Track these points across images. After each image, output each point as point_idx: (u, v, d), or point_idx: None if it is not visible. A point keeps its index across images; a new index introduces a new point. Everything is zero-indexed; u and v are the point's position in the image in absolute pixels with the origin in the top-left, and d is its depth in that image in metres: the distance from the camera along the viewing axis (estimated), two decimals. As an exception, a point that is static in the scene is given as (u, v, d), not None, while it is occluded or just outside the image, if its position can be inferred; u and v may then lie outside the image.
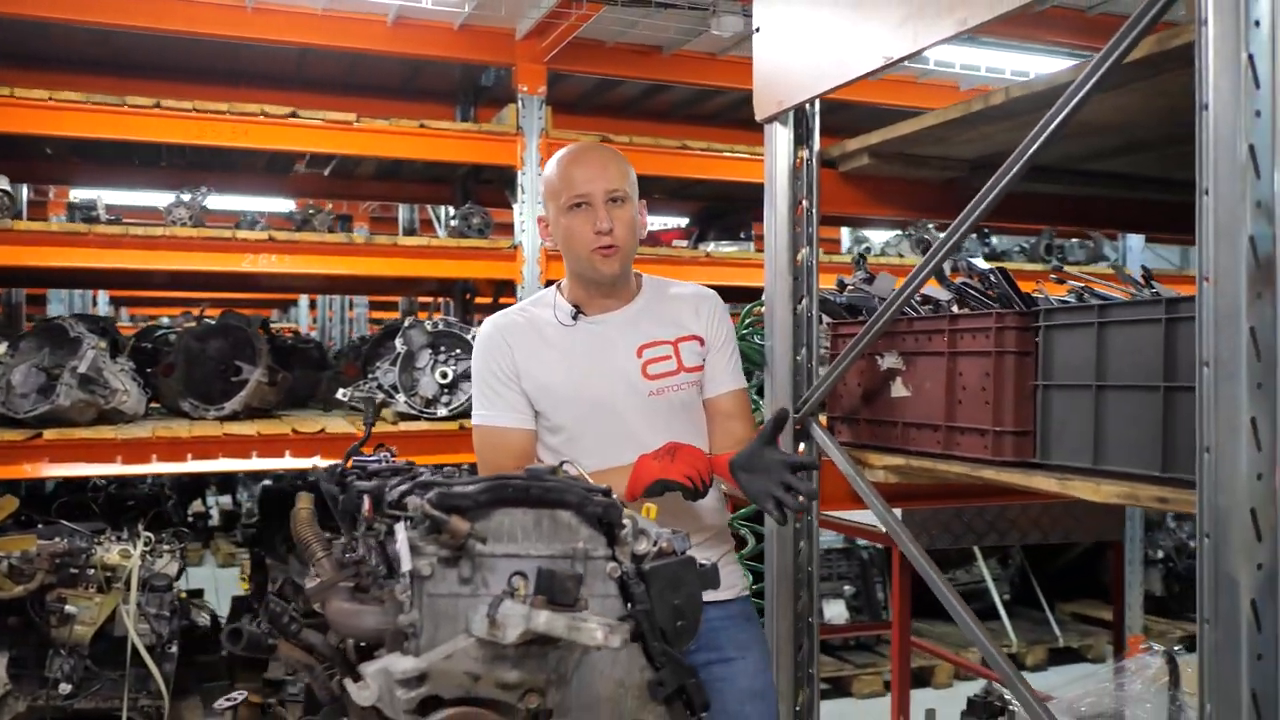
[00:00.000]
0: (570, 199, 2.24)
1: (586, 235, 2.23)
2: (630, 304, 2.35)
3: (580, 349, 2.28)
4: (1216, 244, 1.59)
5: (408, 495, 1.44)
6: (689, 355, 2.31)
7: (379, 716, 1.56)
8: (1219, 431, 1.59)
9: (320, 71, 5.62)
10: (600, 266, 2.26)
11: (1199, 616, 1.63)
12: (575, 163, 2.29)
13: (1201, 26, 1.63)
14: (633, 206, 2.29)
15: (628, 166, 2.32)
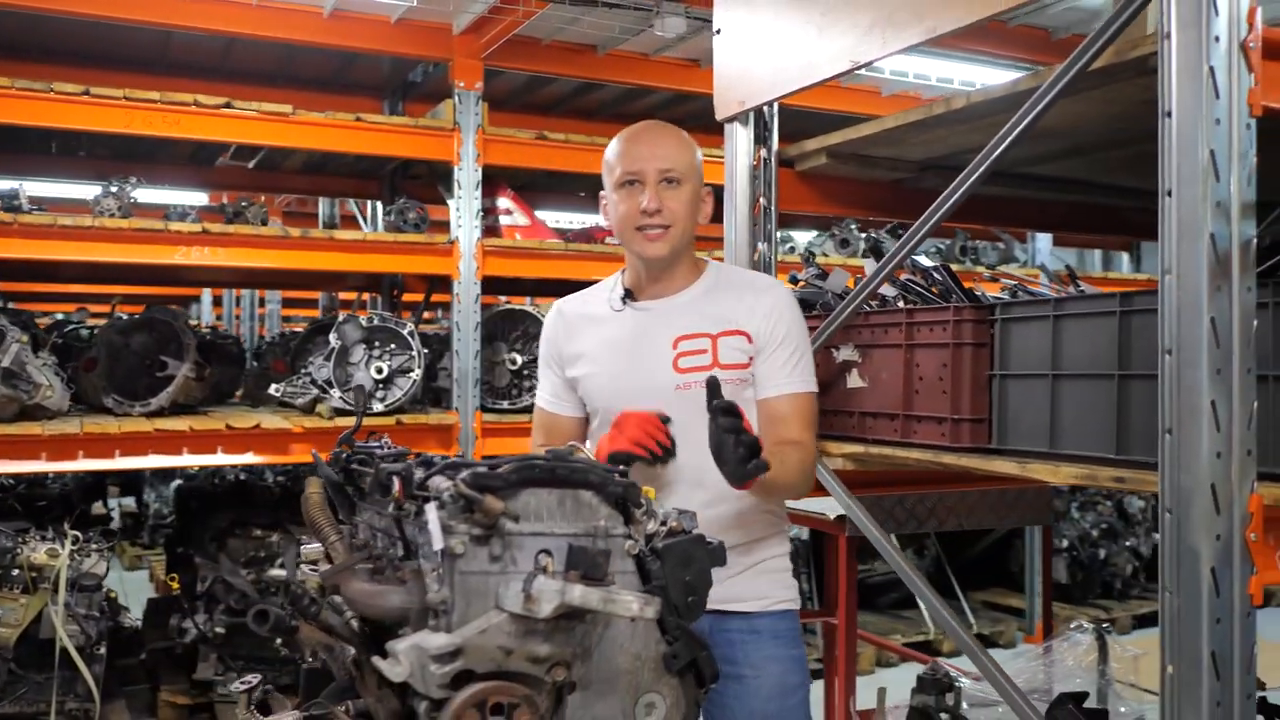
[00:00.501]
0: (622, 176, 2.18)
1: (633, 214, 2.16)
2: (682, 292, 2.23)
3: (621, 336, 2.23)
4: (1179, 241, 1.73)
5: (437, 477, 1.47)
6: (728, 351, 2.16)
7: (396, 694, 1.59)
8: (1180, 414, 1.72)
9: (248, 62, 5.53)
10: (644, 248, 2.18)
11: (1160, 586, 1.76)
12: (632, 139, 2.22)
13: (1165, 40, 1.76)
14: (690, 190, 2.17)
15: (689, 148, 2.21)
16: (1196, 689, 1.68)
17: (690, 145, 2.22)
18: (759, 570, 2.18)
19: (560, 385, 2.29)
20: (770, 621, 2.17)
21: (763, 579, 2.18)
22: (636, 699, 1.54)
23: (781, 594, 2.21)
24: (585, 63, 5.34)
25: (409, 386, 4.79)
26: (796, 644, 2.21)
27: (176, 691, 4.88)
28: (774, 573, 2.21)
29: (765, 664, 2.14)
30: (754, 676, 2.13)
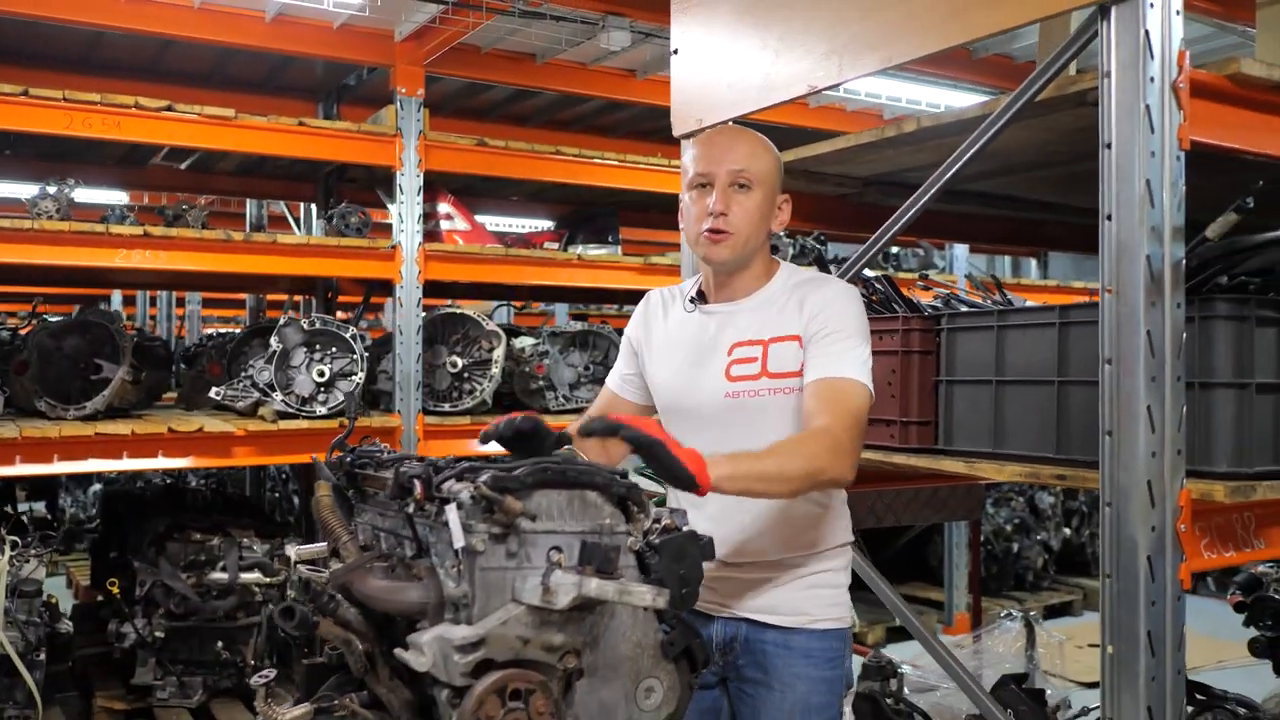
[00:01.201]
0: (695, 177, 2.16)
1: (700, 215, 2.13)
2: (749, 297, 2.18)
3: (686, 339, 2.22)
4: (1118, 261, 1.91)
5: (458, 480, 1.57)
6: (779, 359, 2.10)
7: (408, 685, 1.69)
8: (1119, 418, 1.90)
9: (182, 64, 5.49)
10: (707, 251, 2.14)
11: (1101, 573, 1.94)
12: (707, 141, 2.20)
13: (1105, 79, 1.95)
14: (761, 195, 2.13)
15: (766, 154, 2.17)
16: (1134, 666, 1.87)
17: (768, 152, 2.18)
18: (803, 585, 2.12)
19: (631, 371, 2.30)
20: (805, 639, 2.10)
21: (805, 594, 2.11)
22: (637, 684, 1.66)
23: (823, 612, 2.13)
24: (524, 71, 5.44)
25: (351, 390, 4.82)
26: (832, 665, 2.13)
27: (112, 697, 4.84)
28: (819, 588, 2.13)
29: (793, 681, 2.09)
30: (780, 691, 2.09)
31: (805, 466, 1.91)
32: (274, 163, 5.79)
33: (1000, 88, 4.81)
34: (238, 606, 4.75)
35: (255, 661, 4.84)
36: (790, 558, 2.11)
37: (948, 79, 5.13)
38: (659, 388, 2.25)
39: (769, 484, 1.89)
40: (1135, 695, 1.87)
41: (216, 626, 4.75)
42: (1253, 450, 2.02)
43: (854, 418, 1.99)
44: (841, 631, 2.17)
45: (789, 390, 2.08)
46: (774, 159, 2.19)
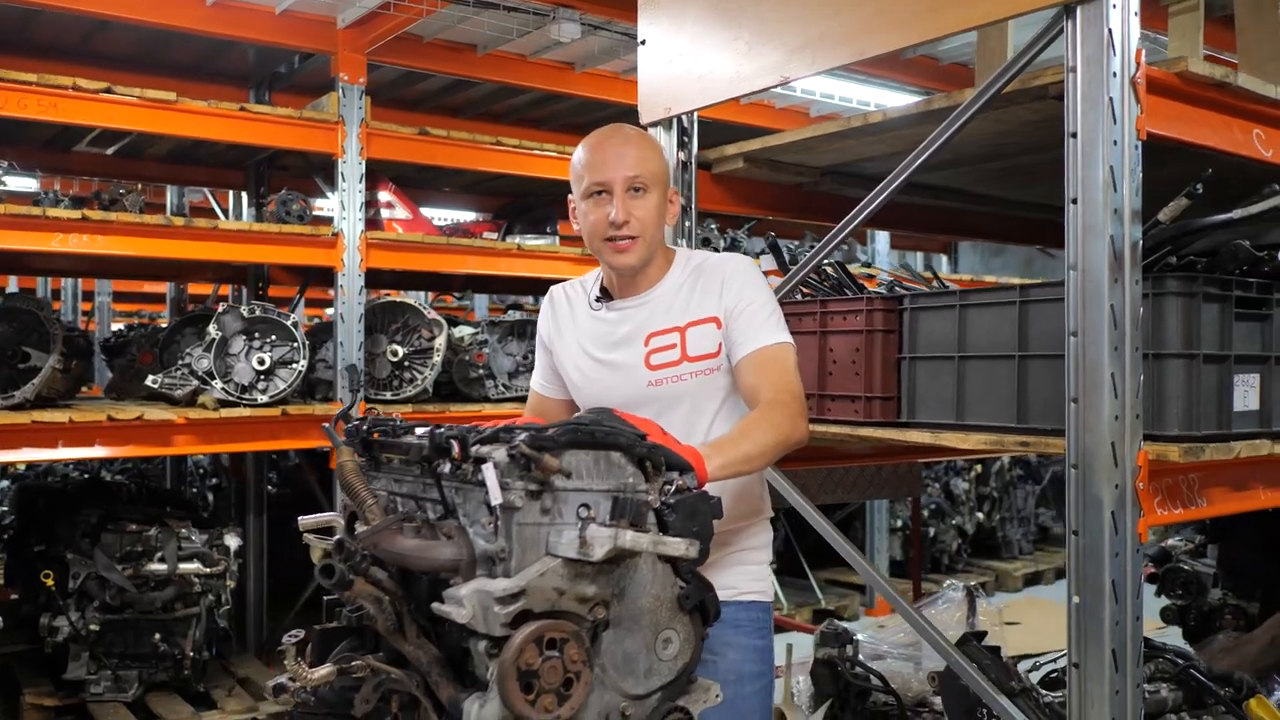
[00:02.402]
0: (590, 186, 2.18)
1: (601, 224, 2.16)
2: (654, 288, 2.24)
3: (597, 336, 2.27)
4: (1084, 241, 2.07)
5: (490, 441, 1.64)
6: (697, 342, 2.18)
7: (436, 641, 1.75)
8: (1085, 385, 2.06)
9: (114, 46, 5.37)
10: (613, 259, 2.19)
11: (1067, 530, 2.10)
12: (597, 147, 2.21)
13: (1070, 73, 2.10)
14: (657, 195, 2.19)
15: (655, 152, 2.23)
16: (1100, 613, 2.03)
17: (656, 148, 2.26)
18: (731, 561, 2.19)
19: (549, 370, 2.37)
20: (732, 610, 2.14)
21: (733, 571, 2.19)
22: (656, 634, 1.75)
23: (749, 585, 2.22)
24: (465, 61, 5.46)
25: (292, 378, 4.79)
26: (759, 634, 2.22)
27: (42, 694, 4.73)
28: (746, 565, 2.23)
29: (723, 650, 2.15)
30: (711, 660, 2.11)
31: (775, 438, 2.02)
32: (206, 149, 5.71)
33: (926, 87, 5.02)
34: (176, 597, 4.70)
35: (193, 653, 4.80)
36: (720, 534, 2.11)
37: (876, 78, 5.32)
38: (577, 385, 2.32)
39: (751, 463, 2.00)
40: (1100, 640, 2.03)
41: (153, 618, 4.69)
42: (1200, 415, 2.20)
43: (793, 378, 2.12)
44: (765, 605, 2.26)
45: (709, 371, 2.18)
46: (663, 156, 2.26)
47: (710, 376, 2.18)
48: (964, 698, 2.54)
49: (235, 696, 4.84)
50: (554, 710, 1.59)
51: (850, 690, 3.05)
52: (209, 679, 4.97)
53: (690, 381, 2.18)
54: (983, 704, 2.49)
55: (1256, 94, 2.33)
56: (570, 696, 1.61)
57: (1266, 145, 2.40)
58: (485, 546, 1.64)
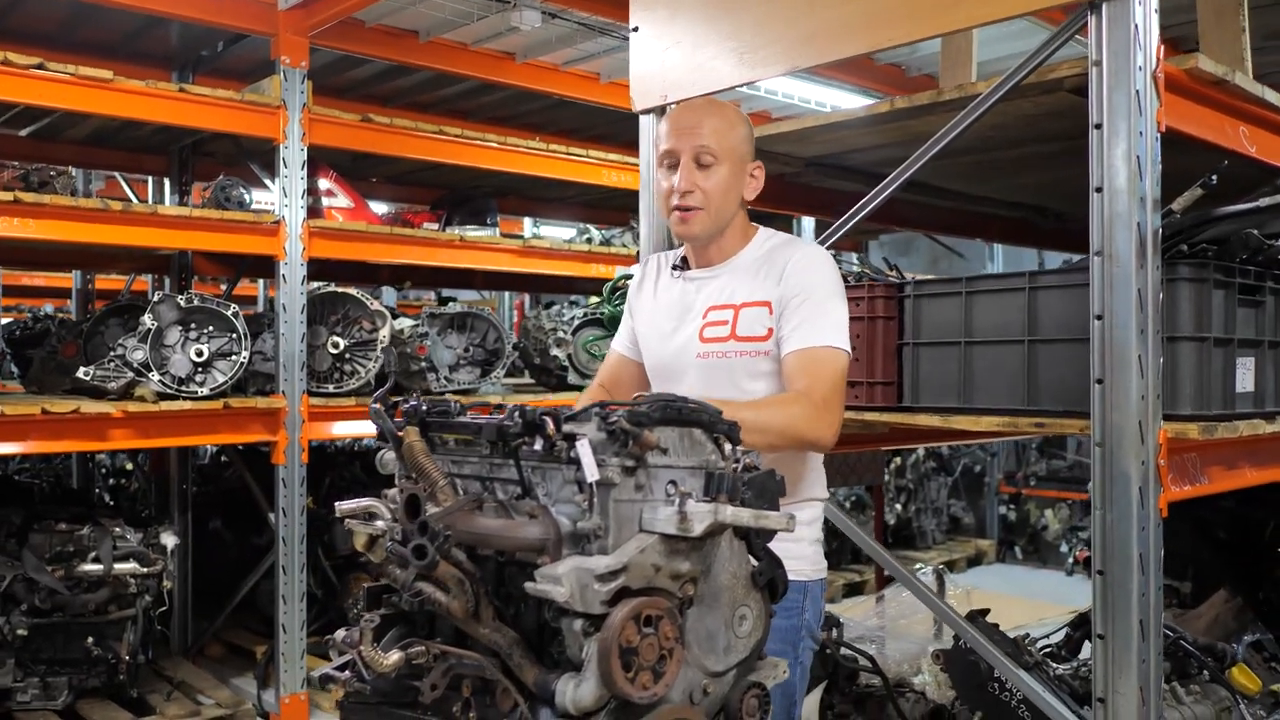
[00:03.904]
0: (662, 154, 2.25)
1: (668, 193, 2.22)
2: (725, 263, 2.28)
3: (670, 303, 2.34)
4: (1112, 227, 2.15)
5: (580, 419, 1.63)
6: (747, 324, 2.20)
7: (512, 624, 1.72)
8: (1112, 367, 2.15)
9: (26, 23, 5.10)
10: (676, 228, 2.25)
11: (1093, 506, 2.18)
12: (674, 117, 2.27)
13: (1094, 67, 2.18)
14: (727, 169, 2.21)
15: (730, 127, 2.23)
16: (1128, 585, 2.11)
17: (733, 124, 2.25)
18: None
19: (630, 332, 2.44)
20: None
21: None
22: (734, 611, 1.76)
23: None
24: (405, 47, 5.35)
25: (233, 370, 4.63)
26: (787, 615, 2.19)
27: (-40, 704, 4.47)
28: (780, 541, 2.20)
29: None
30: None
31: (782, 424, 2.05)
32: (127, 133, 5.46)
33: (884, 93, 5.13)
34: (110, 599, 4.49)
35: (129, 657, 4.59)
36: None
37: (847, 83, 5.42)
38: (645, 347, 2.41)
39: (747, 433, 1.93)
40: (1128, 612, 2.11)
41: (86, 621, 4.47)
42: (1209, 396, 2.31)
43: (833, 383, 2.11)
44: (800, 584, 2.24)
45: (755, 354, 2.20)
46: (742, 130, 2.27)
47: (756, 359, 2.20)
48: (974, 673, 2.62)
49: (174, 701, 4.65)
50: (651, 688, 1.58)
51: (840, 672, 3.10)
52: (142, 683, 4.76)
53: (735, 360, 2.21)
54: (993, 679, 2.56)
55: (1247, 93, 2.46)
56: (664, 674, 1.60)
57: (1251, 142, 2.53)
58: (572, 525, 1.62)
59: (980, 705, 2.65)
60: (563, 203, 7.16)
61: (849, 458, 3.87)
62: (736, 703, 1.75)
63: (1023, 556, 8.74)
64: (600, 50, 5.52)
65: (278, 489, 4.80)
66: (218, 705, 4.67)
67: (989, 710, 2.62)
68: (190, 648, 5.57)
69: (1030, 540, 8.76)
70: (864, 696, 3.15)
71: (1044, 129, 2.80)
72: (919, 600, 3.82)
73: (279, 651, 4.80)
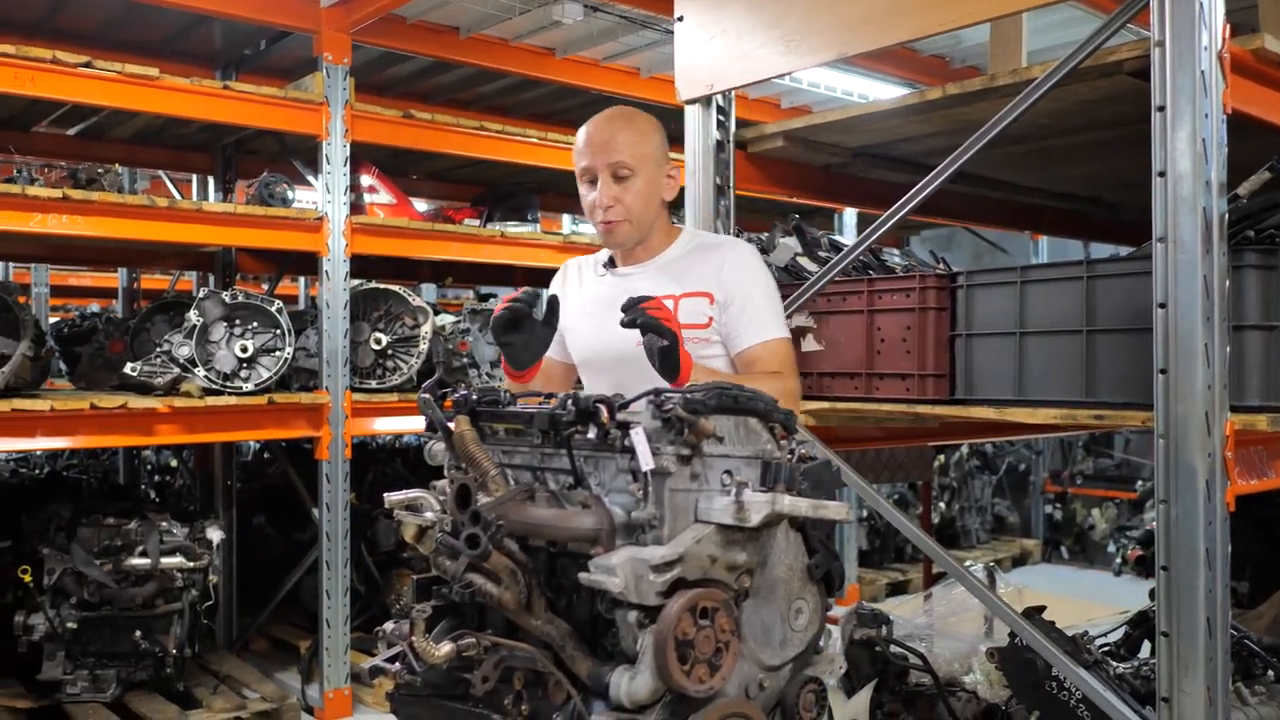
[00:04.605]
0: (580, 171, 2.36)
1: (592, 208, 2.35)
2: (654, 259, 2.40)
3: (597, 297, 2.42)
4: (1177, 213, 2.09)
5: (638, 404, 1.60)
6: (689, 312, 2.29)
7: (565, 615, 1.70)
8: (1176, 356, 2.08)
9: (74, 23, 5.16)
10: (604, 238, 2.40)
11: (1156, 498, 2.12)
12: (586, 134, 2.35)
13: (1158, 48, 2.12)
14: (644, 179, 2.31)
15: (642, 137, 2.33)
16: (1194, 580, 2.05)
17: (645, 133, 2.34)
18: None
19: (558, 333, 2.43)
20: None
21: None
22: (790, 605, 1.72)
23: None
24: (446, 43, 5.35)
25: (277, 366, 4.65)
26: None
27: (13, 695, 4.51)
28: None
29: None
30: None
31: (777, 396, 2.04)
32: (171, 131, 5.50)
33: (927, 84, 5.05)
34: (157, 593, 4.52)
35: (175, 651, 4.62)
36: None
37: (887, 74, 5.36)
38: (576, 342, 2.47)
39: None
40: (1194, 608, 2.05)
41: (133, 615, 4.50)
42: (1278, 386, 2.25)
43: (795, 370, 2.35)
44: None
45: (695, 340, 2.27)
46: (656, 138, 2.36)
47: (695, 346, 2.25)
48: (1030, 672, 2.56)
49: (220, 694, 4.67)
50: (707, 681, 1.55)
51: (890, 670, 3.05)
52: (188, 677, 4.79)
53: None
54: (1050, 677, 2.51)
55: (1314, 74, 2.38)
56: (721, 667, 1.57)
57: (1316, 125, 2.45)
58: (626, 515, 1.59)
59: (1037, 704, 2.59)
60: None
61: (896, 454, 3.82)
62: (793, 697, 1.71)
63: (1069, 556, 8.60)
64: (642, 44, 5.49)
65: (321, 484, 4.82)
66: (263, 699, 4.69)
67: (1046, 709, 2.56)
68: (235, 642, 5.61)
69: (1077, 540, 8.62)
70: (914, 695, 3.10)
71: (1100, 115, 2.74)
72: (970, 597, 3.77)
73: (323, 646, 4.82)
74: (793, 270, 3.35)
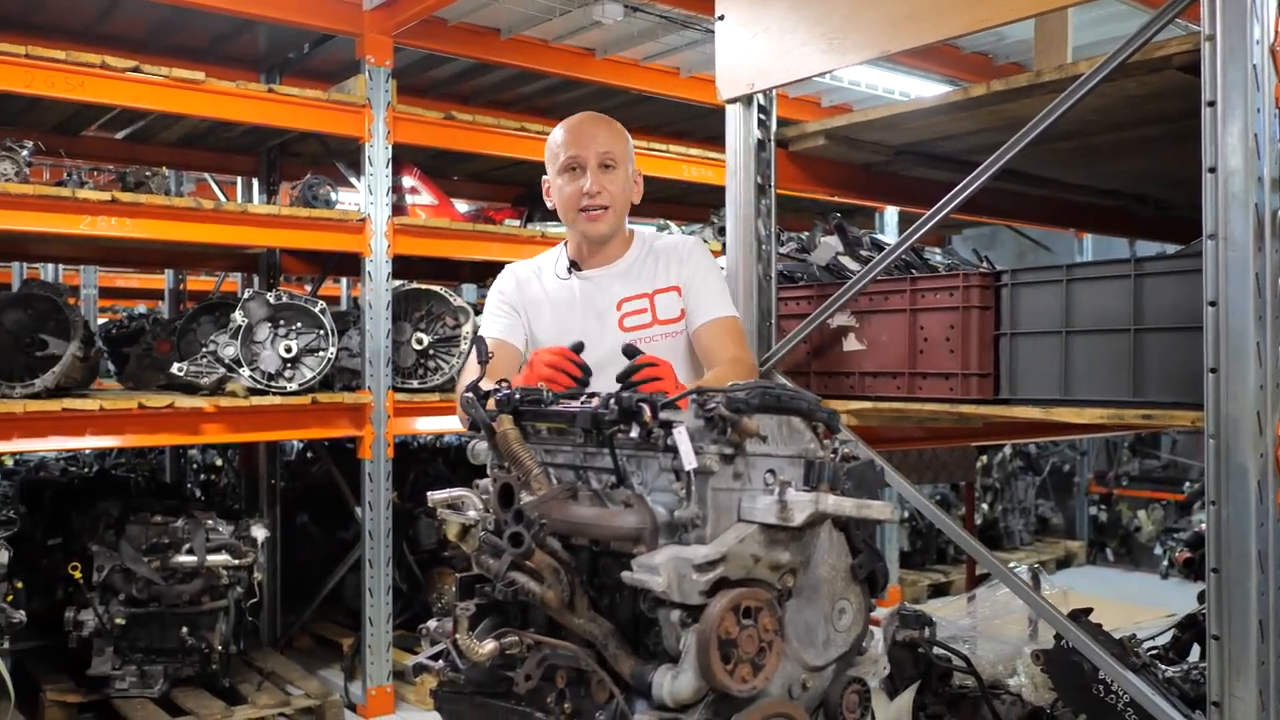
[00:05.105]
0: (565, 161, 2.50)
1: (576, 196, 2.49)
2: (620, 260, 2.57)
3: (568, 301, 2.54)
4: (1228, 210, 2.05)
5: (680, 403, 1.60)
6: (665, 307, 2.51)
7: (608, 614, 1.70)
8: (1227, 355, 2.05)
9: (122, 28, 5.24)
10: (586, 227, 2.52)
11: (1207, 500, 2.08)
12: (573, 128, 2.53)
13: (1208, 41, 2.09)
14: (624, 173, 2.53)
15: (623, 136, 2.55)
16: (1246, 583, 2.01)
17: (624, 134, 2.57)
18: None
19: (514, 323, 2.55)
20: None
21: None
22: (833, 605, 1.72)
23: None
24: (487, 45, 5.38)
25: (321, 366, 4.70)
26: None
27: (63, 690, 4.59)
28: None
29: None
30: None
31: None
32: (217, 135, 5.58)
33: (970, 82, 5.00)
34: (203, 590, 4.59)
35: (221, 647, 4.68)
36: None
37: (931, 72, 5.33)
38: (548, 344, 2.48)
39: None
40: (1246, 611, 2.01)
41: (180, 611, 4.57)
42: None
43: (745, 346, 2.57)
44: None
45: (675, 334, 2.52)
46: (629, 142, 2.58)
47: (675, 339, 2.50)
48: (1077, 675, 2.53)
49: (264, 691, 4.73)
50: (750, 681, 1.55)
51: (933, 672, 3.03)
52: (234, 673, 4.85)
53: (661, 342, 2.48)
54: (1097, 680, 2.47)
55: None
56: (764, 666, 1.56)
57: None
58: (669, 514, 1.59)
59: (1083, 707, 2.56)
60: (643, 199, 7.13)
61: (938, 454, 3.78)
62: (837, 698, 1.71)
63: (1114, 559, 8.49)
64: (682, 44, 5.48)
65: (364, 483, 4.86)
66: (306, 696, 4.74)
67: (1092, 713, 2.52)
68: (279, 639, 5.67)
69: (1122, 542, 8.50)
70: (958, 697, 3.07)
71: (1148, 111, 2.70)
72: (1014, 599, 3.73)
73: (365, 644, 4.86)
74: (834, 269, 3.34)
